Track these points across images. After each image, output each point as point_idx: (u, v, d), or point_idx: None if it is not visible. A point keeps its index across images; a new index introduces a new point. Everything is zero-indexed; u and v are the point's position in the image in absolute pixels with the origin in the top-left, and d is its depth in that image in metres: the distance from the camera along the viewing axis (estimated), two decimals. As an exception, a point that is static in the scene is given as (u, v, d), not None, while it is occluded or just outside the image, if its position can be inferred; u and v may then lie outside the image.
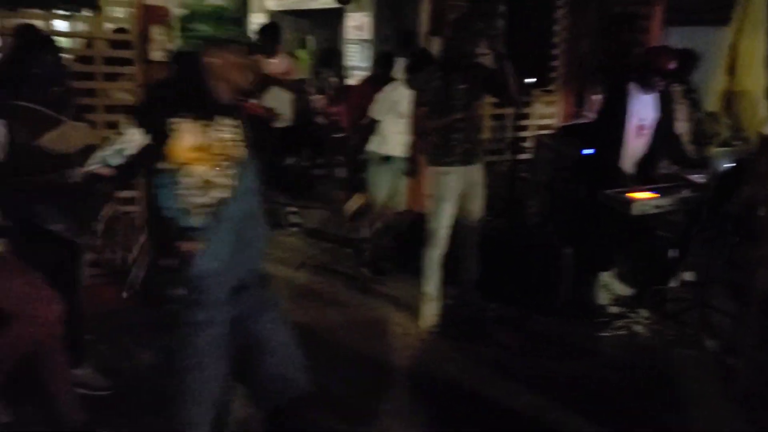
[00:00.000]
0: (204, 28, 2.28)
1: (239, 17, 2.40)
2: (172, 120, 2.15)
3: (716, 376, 3.79)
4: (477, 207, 4.31)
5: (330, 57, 12.37)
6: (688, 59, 5.19)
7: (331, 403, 3.36)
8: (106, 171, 2.23)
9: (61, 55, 3.44)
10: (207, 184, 2.23)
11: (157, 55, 4.07)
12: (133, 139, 2.11)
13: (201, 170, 2.22)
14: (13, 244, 2.63)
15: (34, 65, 3.17)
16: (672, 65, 4.26)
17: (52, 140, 3.24)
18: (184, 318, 2.26)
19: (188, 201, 2.22)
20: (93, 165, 2.19)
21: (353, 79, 7.81)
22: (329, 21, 13.00)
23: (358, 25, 12.39)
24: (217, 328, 2.29)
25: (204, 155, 2.22)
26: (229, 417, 2.52)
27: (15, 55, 3.22)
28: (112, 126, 4.21)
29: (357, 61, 11.79)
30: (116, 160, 2.23)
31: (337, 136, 8.44)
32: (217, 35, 2.27)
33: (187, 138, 2.15)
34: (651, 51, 4.61)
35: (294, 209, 6.37)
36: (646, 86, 4.31)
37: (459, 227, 4.31)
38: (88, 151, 3.30)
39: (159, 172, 2.20)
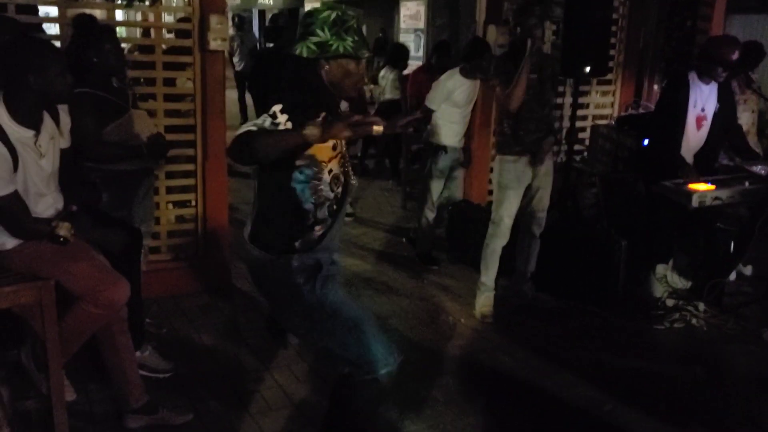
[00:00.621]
0: (325, 37, 2.22)
1: (360, 28, 2.28)
2: (319, 116, 2.17)
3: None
4: (544, 198, 4.27)
5: (384, 47, 12.38)
6: (753, 51, 5.03)
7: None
8: None
9: (121, 44, 3.54)
10: (336, 179, 2.34)
11: (215, 44, 4.14)
12: (285, 124, 2.13)
13: (334, 166, 2.32)
14: (81, 230, 2.72)
15: (95, 54, 3.27)
16: (735, 56, 4.14)
17: (117, 128, 3.36)
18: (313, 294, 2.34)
19: (323, 194, 2.30)
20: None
21: (408, 69, 7.79)
22: (384, 10, 13.00)
23: (412, 14, 12.36)
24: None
25: (336, 152, 2.34)
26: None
27: (76, 44, 3.33)
28: (172, 115, 4.33)
29: (411, 51, 11.77)
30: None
31: (390, 125, 8.46)
32: (337, 47, 2.22)
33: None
34: (713, 41, 4.48)
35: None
36: (708, 76, 4.21)
37: (523, 217, 4.28)
38: (150, 139, 3.43)
39: (299, 167, 2.23)
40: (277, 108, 2.15)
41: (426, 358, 3.77)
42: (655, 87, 6.10)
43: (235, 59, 10.67)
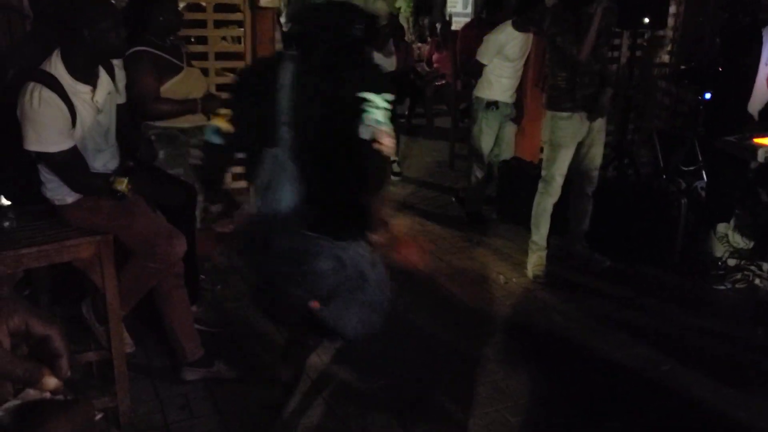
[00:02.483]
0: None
1: None
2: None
3: None
4: (596, 155, 4.15)
5: (430, 3, 12.18)
6: None
7: (435, 350, 3.39)
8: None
9: (178, 2, 3.53)
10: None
11: (265, 1, 4.09)
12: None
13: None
14: (138, 186, 2.74)
15: (159, 12, 3.27)
16: None
17: (173, 87, 3.36)
18: None
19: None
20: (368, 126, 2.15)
21: (455, 25, 7.64)
22: (430, -34, 12.75)
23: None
24: None
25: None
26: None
27: (137, 1, 3.32)
28: (223, 73, 4.32)
29: (458, 8, 11.53)
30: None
31: (438, 83, 8.35)
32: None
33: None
34: None
35: (395, 158, 6.36)
36: None
37: (575, 175, 4.18)
38: (204, 98, 3.43)
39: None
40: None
41: (477, 317, 3.74)
42: (717, 39, 5.84)
43: (283, 19, 10.58)
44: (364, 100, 2.15)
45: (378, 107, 2.14)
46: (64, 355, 0.66)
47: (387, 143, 2.12)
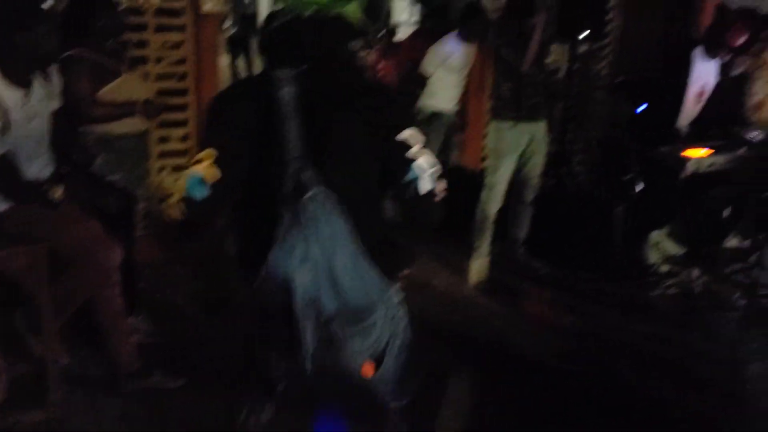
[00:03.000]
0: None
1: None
2: None
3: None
4: (537, 164, 4.25)
5: (377, 12, 12.22)
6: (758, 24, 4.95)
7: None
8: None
9: (118, 6, 3.48)
10: None
11: (209, 6, 4.07)
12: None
13: None
14: (73, 193, 2.69)
15: (100, 16, 3.22)
16: (742, 41, 4.10)
17: (111, 91, 3.31)
18: None
19: None
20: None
21: (401, 34, 7.69)
22: (377, -26, 12.80)
23: (407, -21, 12.18)
24: None
25: None
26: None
27: (76, 5, 3.26)
28: (164, 78, 4.28)
29: (404, 16, 11.62)
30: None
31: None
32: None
33: None
34: (721, 22, 4.37)
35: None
36: (712, 55, 4.19)
37: (515, 183, 4.26)
38: (143, 103, 3.39)
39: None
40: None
41: (417, 323, 3.76)
42: (652, 53, 6.04)
43: (227, 24, 10.48)
44: (399, 144, 1.85)
45: (416, 144, 1.86)
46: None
47: (441, 188, 1.92)
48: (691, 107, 4.29)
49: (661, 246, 4.49)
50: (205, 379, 3.10)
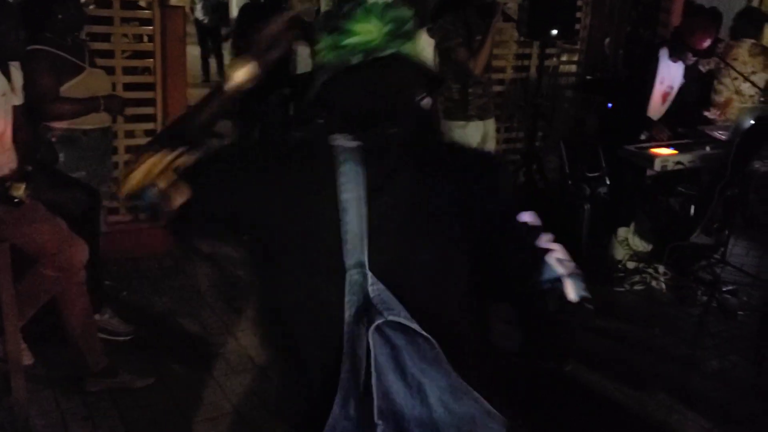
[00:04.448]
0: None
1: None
2: None
3: (733, 333, 3.79)
4: None
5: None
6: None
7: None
8: None
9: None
10: None
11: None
12: None
13: None
14: (37, 191, 2.63)
15: (59, 10, 3.15)
16: (706, 44, 4.17)
17: (74, 87, 3.24)
18: None
19: None
20: None
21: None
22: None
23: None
24: None
25: None
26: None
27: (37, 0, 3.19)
28: (130, 72, 4.21)
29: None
30: None
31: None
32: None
33: None
34: (687, 25, 4.42)
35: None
36: (677, 57, 4.26)
37: None
38: (107, 98, 3.33)
39: None
40: None
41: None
42: (620, 52, 6.11)
43: (198, 13, 10.31)
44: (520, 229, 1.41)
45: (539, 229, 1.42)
46: None
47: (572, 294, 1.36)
48: (657, 107, 4.36)
49: (629, 242, 4.55)
50: (173, 378, 3.08)
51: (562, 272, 1.35)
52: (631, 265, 4.45)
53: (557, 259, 1.37)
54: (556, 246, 1.39)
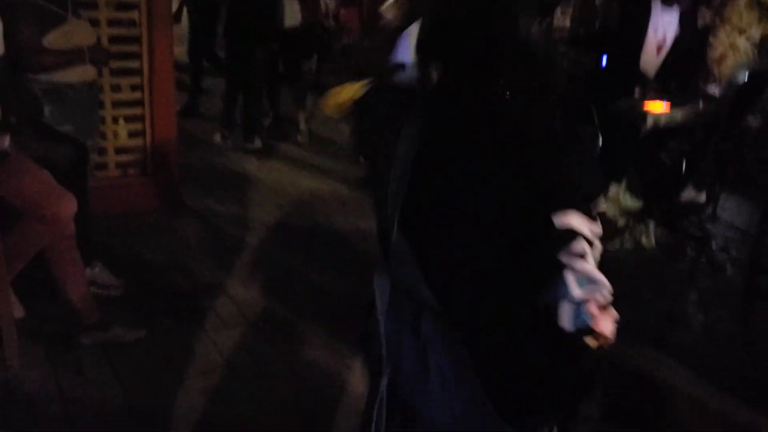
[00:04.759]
0: None
1: None
2: None
3: (721, 288, 3.82)
4: None
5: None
6: None
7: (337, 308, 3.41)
8: None
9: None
10: None
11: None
12: None
13: None
14: (22, 143, 2.59)
15: None
16: None
17: (57, 38, 3.16)
18: None
19: None
20: None
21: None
22: None
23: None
24: None
25: None
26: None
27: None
28: (115, 24, 4.12)
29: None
30: None
31: (346, 41, 8.24)
32: None
33: None
34: None
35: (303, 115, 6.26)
36: (670, 2, 4.18)
37: None
38: (91, 49, 3.26)
39: None
40: None
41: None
42: (613, 5, 6.02)
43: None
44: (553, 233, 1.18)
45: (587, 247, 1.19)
46: None
47: (606, 330, 1.18)
48: (651, 60, 4.29)
49: (620, 199, 4.55)
50: (165, 332, 3.09)
51: (576, 294, 1.16)
52: (621, 222, 4.46)
53: (578, 277, 1.17)
54: (584, 263, 1.18)
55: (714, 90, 4.26)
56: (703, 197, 4.60)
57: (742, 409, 2.82)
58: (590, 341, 1.17)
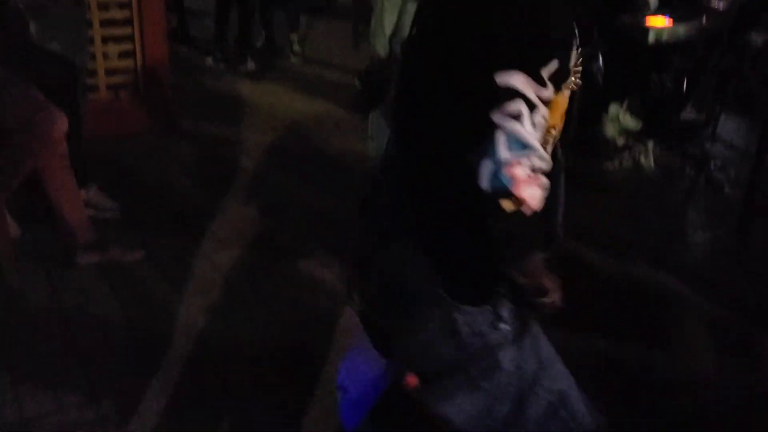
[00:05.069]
0: None
1: None
2: None
3: (719, 207, 3.82)
4: None
5: None
6: None
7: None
8: None
9: None
10: None
11: None
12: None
13: None
14: (8, 59, 2.52)
15: None
16: None
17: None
18: None
19: None
20: None
21: None
22: None
23: None
24: None
25: None
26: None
27: None
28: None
29: None
30: None
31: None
32: None
33: None
34: None
35: (296, 45, 6.12)
36: None
37: None
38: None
39: None
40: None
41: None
42: None
43: None
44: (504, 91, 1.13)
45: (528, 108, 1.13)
46: None
47: (528, 198, 1.15)
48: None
49: (620, 119, 4.50)
50: (162, 253, 3.09)
51: (502, 156, 1.12)
52: (620, 141, 4.41)
53: (509, 139, 1.12)
54: (517, 125, 1.12)
55: (718, 4, 4.14)
56: (703, 117, 4.55)
57: (739, 323, 2.86)
58: (506, 204, 1.13)
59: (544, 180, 1.17)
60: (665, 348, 2.69)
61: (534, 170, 1.14)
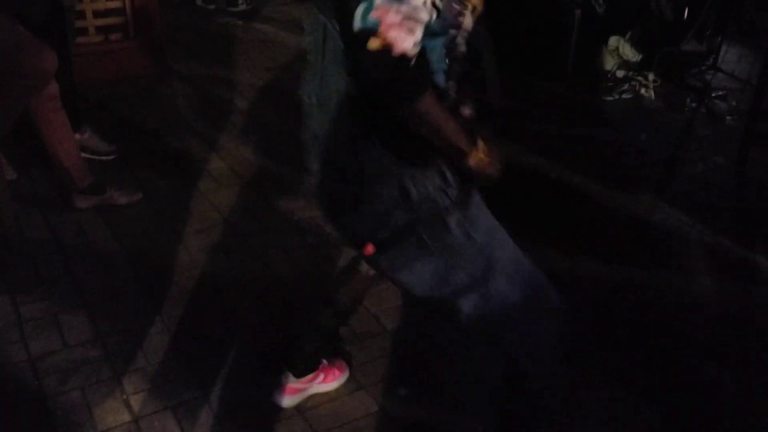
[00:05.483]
0: None
1: None
2: None
3: (719, 137, 3.79)
4: None
5: None
6: None
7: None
8: None
9: None
10: None
11: None
12: None
13: None
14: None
15: None
16: None
17: None
18: None
19: None
20: None
21: None
22: None
23: None
24: None
25: None
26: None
27: None
28: None
29: None
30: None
31: None
32: None
33: None
34: None
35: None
36: None
37: None
38: None
39: None
40: None
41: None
42: None
43: None
44: None
45: None
46: None
47: (393, 39, 1.17)
48: None
49: (619, 51, 4.43)
50: (160, 194, 3.07)
51: (377, 1, 1.17)
52: (620, 73, 4.36)
53: None
54: None
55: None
56: (703, 47, 4.49)
57: (737, 248, 2.87)
58: (373, 42, 1.17)
59: (418, 30, 1.19)
60: (668, 272, 2.71)
61: (408, 19, 1.18)
